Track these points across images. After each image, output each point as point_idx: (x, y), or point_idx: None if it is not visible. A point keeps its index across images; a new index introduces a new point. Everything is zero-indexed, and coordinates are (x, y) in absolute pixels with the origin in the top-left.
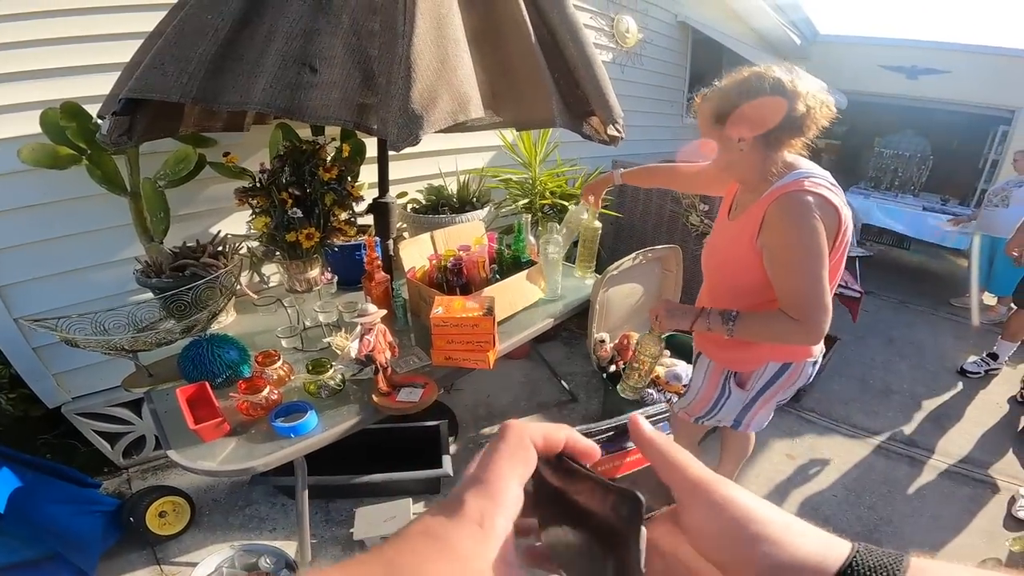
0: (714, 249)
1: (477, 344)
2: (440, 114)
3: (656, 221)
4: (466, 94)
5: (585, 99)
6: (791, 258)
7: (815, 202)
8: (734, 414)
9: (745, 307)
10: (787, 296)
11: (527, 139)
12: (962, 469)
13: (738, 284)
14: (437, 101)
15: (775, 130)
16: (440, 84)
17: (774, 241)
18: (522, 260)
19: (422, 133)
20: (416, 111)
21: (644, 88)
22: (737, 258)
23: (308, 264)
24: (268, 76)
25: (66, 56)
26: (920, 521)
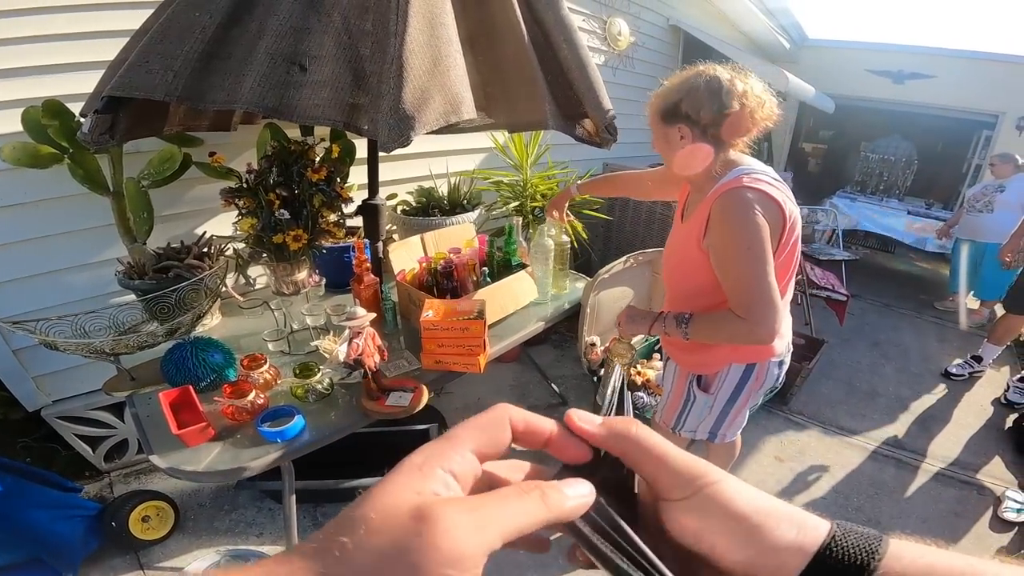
0: (669, 252)
1: (468, 348)
2: (432, 115)
3: (647, 224)
4: (459, 95)
5: (578, 101)
6: (733, 256)
7: (755, 198)
8: (704, 423)
9: (700, 309)
10: (732, 295)
11: (519, 141)
12: (948, 471)
13: (691, 286)
14: (429, 102)
15: (711, 127)
16: (432, 85)
17: (717, 240)
18: (513, 263)
19: (413, 134)
20: (407, 112)
21: (635, 91)
22: (688, 260)
23: (295, 266)
24: (256, 75)
25: (49, 54)
26: (908, 523)
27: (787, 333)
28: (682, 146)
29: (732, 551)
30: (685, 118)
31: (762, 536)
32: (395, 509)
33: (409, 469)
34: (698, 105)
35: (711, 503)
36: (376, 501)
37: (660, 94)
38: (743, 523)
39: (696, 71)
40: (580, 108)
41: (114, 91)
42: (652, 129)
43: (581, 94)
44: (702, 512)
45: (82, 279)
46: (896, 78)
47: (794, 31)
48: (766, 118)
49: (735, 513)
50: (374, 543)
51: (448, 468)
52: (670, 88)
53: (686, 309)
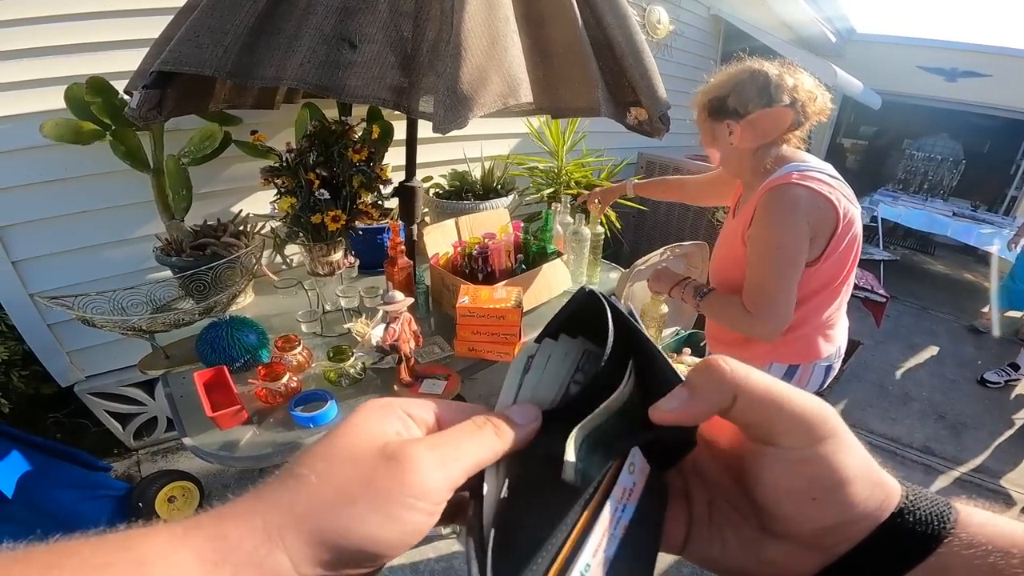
0: (718, 247)
1: (503, 337)
2: (490, 96)
3: (680, 216)
4: (516, 76)
5: (631, 88)
6: (762, 251)
7: (803, 195)
8: None
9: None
10: (747, 286)
11: (555, 128)
12: (976, 478)
13: (734, 280)
14: (487, 83)
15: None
16: (490, 65)
17: (754, 233)
18: (548, 251)
19: (471, 115)
20: (465, 92)
21: (675, 81)
22: (733, 254)
23: (331, 247)
24: (306, 51)
25: (91, 31)
26: None
27: (840, 337)
28: (731, 142)
29: (821, 518)
30: (733, 113)
31: (854, 505)
32: (361, 445)
33: (369, 409)
34: (746, 100)
35: (823, 463)
36: (339, 439)
37: (706, 91)
38: (844, 490)
39: (742, 67)
40: (631, 95)
41: (164, 66)
42: (699, 127)
43: (634, 81)
44: (807, 471)
45: (120, 254)
46: (949, 76)
47: (841, 24)
48: (819, 112)
49: (841, 479)
50: (339, 474)
51: (406, 411)
52: (716, 84)
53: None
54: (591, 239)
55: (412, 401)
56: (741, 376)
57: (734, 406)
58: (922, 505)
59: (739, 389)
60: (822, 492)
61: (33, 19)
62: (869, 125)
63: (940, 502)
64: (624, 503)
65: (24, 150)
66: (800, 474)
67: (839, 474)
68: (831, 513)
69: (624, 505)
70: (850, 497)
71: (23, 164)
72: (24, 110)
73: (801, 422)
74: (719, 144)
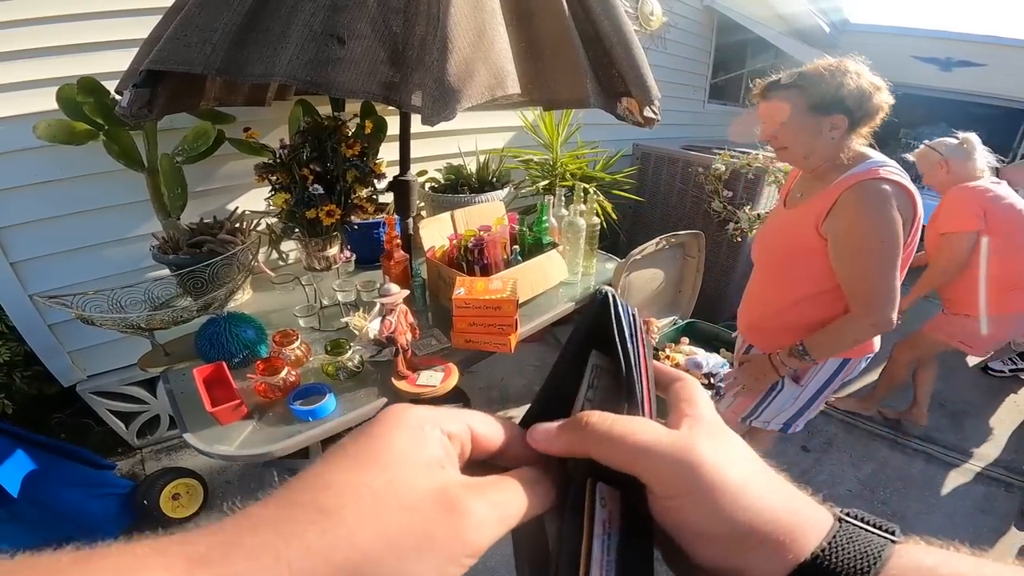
0: (767, 238)
1: (499, 327)
2: (477, 88)
3: (677, 206)
4: (503, 68)
5: (620, 79)
6: (864, 248)
7: (893, 191)
8: (784, 414)
9: (802, 297)
10: (855, 284)
11: (549, 120)
12: (978, 467)
13: (795, 274)
14: (474, 75)
15: (866, 119)
16: (477, 58)
17: (844, 228)
18: (543, 242)
19: (459, 107)
20: (452, 84)
21: (667, 72)
22: (796, 247)
23: (327, 242)
24: (294, 48)
25: (82, 32)
26: (933, 519)
27: None
28: (831, 137)
29: (707, 558)
30: (845, 110)
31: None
32: (413, 484)
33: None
34: (862, 97)
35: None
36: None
37: (809, 86)
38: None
39: (828, 62)
40: (621, 86)
41: (153, 65)
42: (787, 120)
43: (624, 72)
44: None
45: (117, 253)
46: (944, 66)
47: (835, 15)
48: (887, 109)
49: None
50: (390, 521)
51: (444, 429)
52: (821, 80)
53: (786, 297)
54: (586, 230)
55: (448, 416)
56: (598, 429)
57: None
58: (849, 547)
59: (593, 440)
60: (696, 535)
61: (23, 21)
62: None
63: (874, 543)
64: (608, 533)
65: (19, 152)
66: (673, 518)
67: (702, 522)
68: (713, 556)
69: (608, 535)
70: (726, 543)
71: (19, 166)
72: (17, 112)
73: (659, 474)
74: (808, 137)
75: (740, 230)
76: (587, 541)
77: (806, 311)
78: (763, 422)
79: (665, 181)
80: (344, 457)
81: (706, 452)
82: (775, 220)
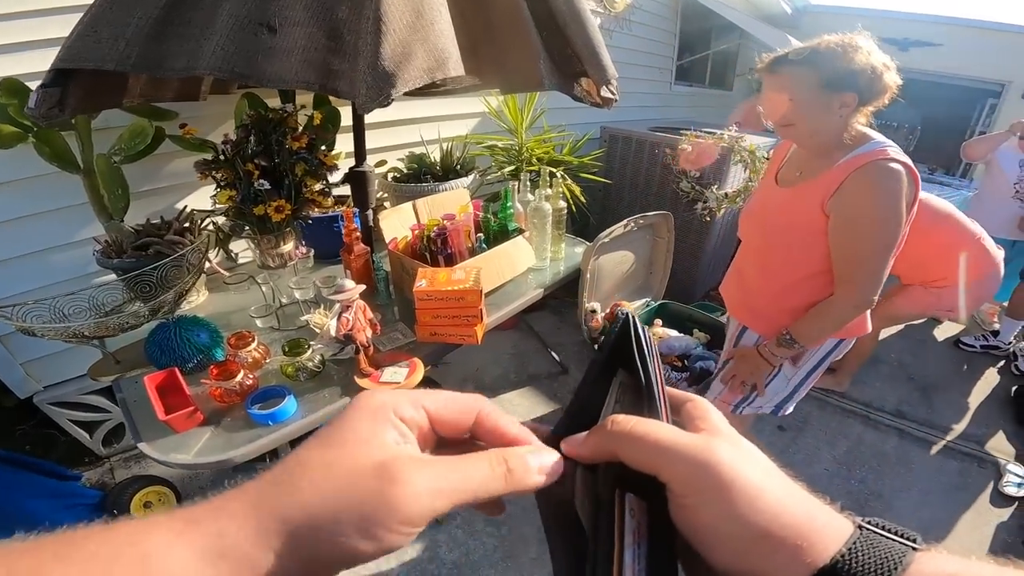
0: (761, 217)
1: (464, 319)
2: (414, 71)
3: (646, 187)
4: (444, 50)
5: (576, 58)
6: (865, 227)
7: (903, 172)
8: (776, 397)
9: (801, 277)
10: (849, 264)
11: (512, 105)
12: (951, 442)
13: (796, 255)
14: (411, 58)
15: (876, 97)
16: (414, 39)
17: (851, 208)
18: (509, 229)
19: (394, 92)
20: (386, 68)
21: (633, 55)
22: (797, 226)
23: (281, 239)
24: (220, 38)
25: (3, 33)
26: (910, 496)
27: None
28: (840, 115)
29: (722, 561)
30: (856, 88)
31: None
32: (358, 458)
33: (363, 413)
34: (874, 76)
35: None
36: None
37: (820, 61)
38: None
39: (839, 38)
40: (578, 66)
41: (61, 63)
42: (795, 98)
43: (579, 51)
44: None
45: (62, 260)
46: (901, 45)
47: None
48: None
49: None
50: (332, 488)
51: (399, 414)
52: (829, 54)
53: (784, 274)
54: (553, 214)
55: (405, 400)
56: (622, 428)
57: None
58: (869, 553)
59: (619, 440)
60: (713, 537)
61: None
62: None
63: (895, 550)
64: (637, 543)
65: None
66: (690, 519)
67: (719, 523)
68: (728, 558)
69: (638, 544)
70: (743, 545)
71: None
72: None
73: (679, 471)
74: (818, 114)
75: (709, 209)
76: (619, 551)
77: (805, 292)
78: (755, 407)
79: (633, 163)
80: (316, 439)
81: (724, 454)
82: (769, 198)
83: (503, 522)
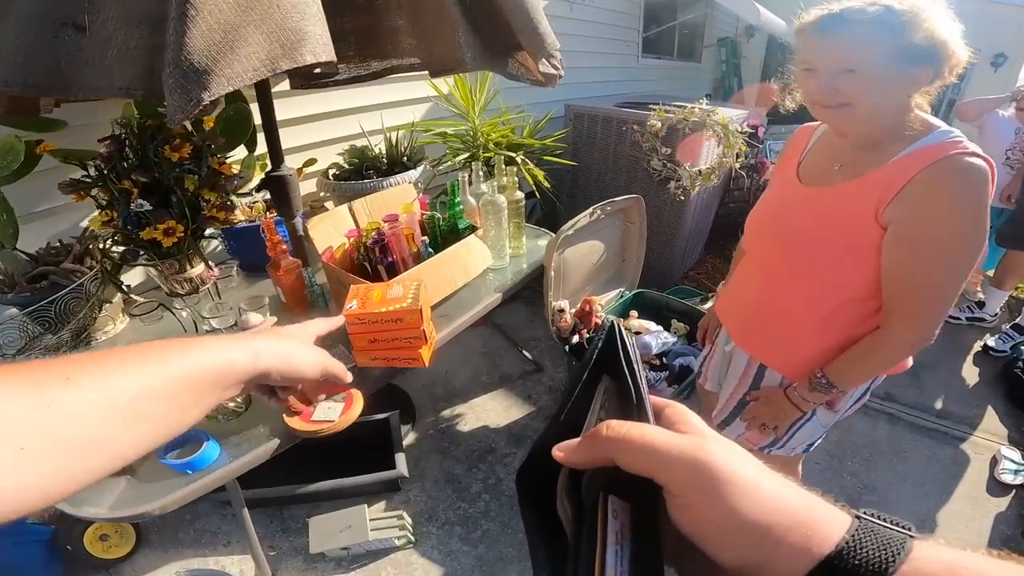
0: (781, 223)
1: (405, 341)
2: (243, 64)
3: (614, 166)
4: (296, 30)
5: (508, 30)
6: (941, 247)
7: (987, 171)
8: (809, 439)
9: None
10: (908, 290)
11: (462, 87)
12: (942, 426)
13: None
14: (237, 45)
15: (943, 77)
16: (245, 21)
17: (919, 220)
18: (460, 227)
19: (208, 94)
20: (195, 63)
21: (596, 27)
22: (832, 236)
23: (185, 262)
24: (6, 44)
25: None
26: (904, 488)
27: None
28: (907, 95)
29: (734, 556)
30: (934, 61)
31: (760, 551)
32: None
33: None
34: (955, 47)
35: (703, 509)
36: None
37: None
38: (741, 537)
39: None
40: (511, 38)
41: None
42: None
43: (510, 20)
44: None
45: None
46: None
47: None
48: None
49: (734, 527)
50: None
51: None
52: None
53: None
54: (509, 206)
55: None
56: (617, 434)
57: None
58: (868, 543)
59: (614, 445)
60: (716, 533)
61: None
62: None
63: (894, 538)
64: (620, 544)
65: None
66: (691, 518)
67: (721, 519)
68: (734, 553)
69: (621, 545)
70: (757, 539)
71: None
72: None
73: (675, 472)
74: (885, 92)
75: (682, 188)
76: (601, 550)
77: (841, 323)
78: (787, 450)
79: (601, 142)
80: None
81: (716, 452)
82: (789, 201)
83: (480, 540)
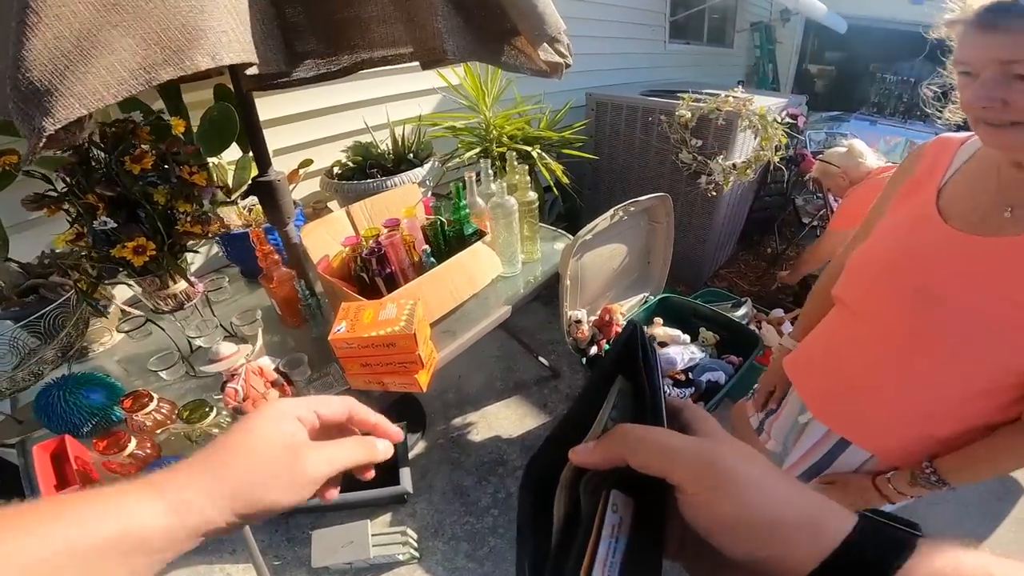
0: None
1: (399, 366)
2: (102, 78)
3: (640, 159)
4: (187, 28)
5: (502, 12)
6: None
7: None
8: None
9: (974, 389)
10: None
11: (471, 76)
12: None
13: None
14: (95, 54)
15: None
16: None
17: None
18: (466, 233)
19: (48, 123)
20: (36, 82)
21: (622, 12)
22: (998, 306)
23: (165, 279)
24: None
25: None
26: (946, 510)
27: None
28: None
29: (740, 553)
30: None
31: (772, 545)
32: (270, 442)
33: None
34: None
35: (714, 506)
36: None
37: None
38: (754, 531)
39: None
40: (505, 22)
41: None
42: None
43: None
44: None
45: None
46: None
47: None
48: None
49: (747, 521)
50: (257, 464)
51: (295, 415)
52: None
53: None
54: (521, 208)
55: (301, 406)
56: (634, 437)
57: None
58: (871, 542)
59: (630, 448)
60: (729, 528)
61: None
62: (835, 50)
63: (899, 537)
64: (616, 537)
65: None
66: (705, 514)
67: (733, 513)
68: (747, 547)
69: (616, 539)
70: (766, 537)
71: None
72: None
73: (688, 472)
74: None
75: (714, 183)
76: (594, 540)
77: (971, 413)
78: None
79: (625, 133)
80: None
81: (728, 453)
82: (933, 245)
83: (487, 557)
